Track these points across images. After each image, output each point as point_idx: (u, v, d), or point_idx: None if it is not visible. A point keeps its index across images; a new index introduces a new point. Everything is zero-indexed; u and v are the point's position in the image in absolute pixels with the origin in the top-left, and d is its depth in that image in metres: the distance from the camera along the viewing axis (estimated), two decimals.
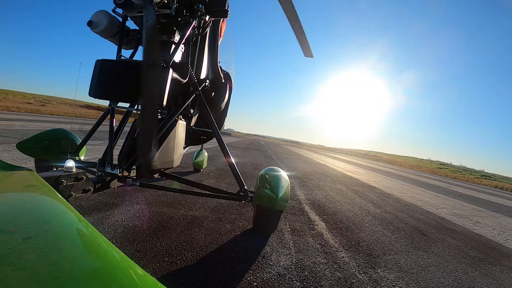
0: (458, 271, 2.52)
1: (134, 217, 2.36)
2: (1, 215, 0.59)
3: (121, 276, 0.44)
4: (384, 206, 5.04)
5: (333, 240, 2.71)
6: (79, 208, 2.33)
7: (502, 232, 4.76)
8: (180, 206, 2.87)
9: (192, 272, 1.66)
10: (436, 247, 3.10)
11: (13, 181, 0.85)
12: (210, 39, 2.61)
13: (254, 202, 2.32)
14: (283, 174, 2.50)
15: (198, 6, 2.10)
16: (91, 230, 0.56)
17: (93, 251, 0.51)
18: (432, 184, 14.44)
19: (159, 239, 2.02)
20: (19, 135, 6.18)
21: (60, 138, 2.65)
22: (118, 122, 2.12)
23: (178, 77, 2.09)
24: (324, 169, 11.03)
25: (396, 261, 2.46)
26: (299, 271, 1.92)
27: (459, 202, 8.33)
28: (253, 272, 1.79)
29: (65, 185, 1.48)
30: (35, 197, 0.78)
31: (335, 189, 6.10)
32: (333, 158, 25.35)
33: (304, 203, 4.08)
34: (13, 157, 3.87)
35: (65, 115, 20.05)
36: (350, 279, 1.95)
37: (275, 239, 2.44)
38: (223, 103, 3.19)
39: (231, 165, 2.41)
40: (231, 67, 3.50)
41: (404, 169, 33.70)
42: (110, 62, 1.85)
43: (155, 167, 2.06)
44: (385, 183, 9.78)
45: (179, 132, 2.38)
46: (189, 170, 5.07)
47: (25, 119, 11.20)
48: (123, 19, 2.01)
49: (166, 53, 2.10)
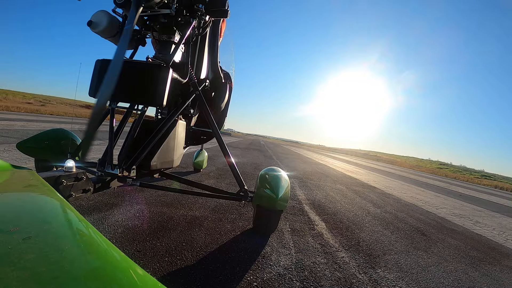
0: (458, 271, 2.52)
1: (134, 217, 2.36)
2: (1, 215, 0.59)
3: (121, 276, 0.44)
4: (384, 206, 5.04)
5: (333, 240, 2.71)
6: (79, 208, 2.33)
7: (502, 232, 4.76)
8: (180, 206, 2.87)
9: (192, 272, 1.66)
10: (436, 247, 3.10)
11: (13, 181, 0.85)
12: (210, 39, 2.61)
13: (254, 202, 2.32)
14: (283, 174, 2.50)
15: (198, 6, 2.09)
16: (91, 230, 0.56)
17: (93, 251, 0.51)
18: (432, 184, 14.44)
19: (159, 239, 2.02)
20: (19, 135, 6.18)
21: (60, 138, 2.65)
22: (118, 122, 2.12)
23: (178, 77, 2.09)
24: (324, 169, 11.03)
25: (396, 261, 2.46)
26: (299, 271, 1.92)
27: (459, 202, 8.33)
28: (253, 272, 1.79)
29: (65, 185, 1.48)
30: (35, 197, 0.78)
31: (335, 189, 6.10)
32: (333, 158, 25.35)
33: (304, 203, 4.08)
34: (13, 157, 3.87)
35: (65, 115, 20.06)
36: (350, 279, 1.95)
37: (275, 239, 2.44)
38: (223, 103, 3.19)
39: (231, 165, 2.41)
40: (231, 67, 3.50)
41: (404, 169, 33.71)
42: (110, 62, 1.84)
43: (155, 167, 2.06)
44: (385, 183, 9.78)
45: (179, 132, 2.38)
46: (189, 170, 5.07)
47: (25, 119, 11.21)
48: (123, 19, 2.01)
49: (166, 53, 2.10)
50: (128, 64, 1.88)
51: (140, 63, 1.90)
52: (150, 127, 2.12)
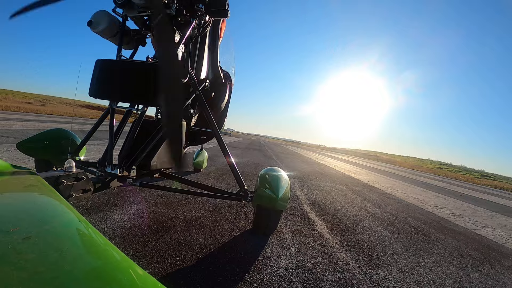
0: (458, 271, 2.51)
1: (133, 217, 2.35)
2: (1, 215, 0.59)
3: (121, 276, 0.44)
4: (384, 206, 5.04)
5: (334, 240, 2.70)
6: (78, 209, 2.33)
7: (502, 232, 4.75)
8: (179, 206, 2.87)
9: (191, 273, 1.65)
10: (436, 248, 3.10)
11: (13, 181, 0.85)
12: (210, 39, 2.61)
13: (254, 202, 2.31)
14: (283, 174, 2.50)
15: (198, 6, 2.09)
16: (91, 230, 0.56)
17: (93, 251, 0.51)
18: (432, 184, 14.44)
19: (158, 239, 2.02)
20: (19, 135, 6.18)
21: (60, 138, 2.65)
22: (118, 122, 2.12)
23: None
24: (324, 169, 11.03)
25: (396, 261, 2.45)
26: (299, 272, 1.92)
27: (459, 202, 8.32)
28: (253, 273, 1.78)
29: (65, 185, 1.47)
30: (35, 197, 0.78)
31: (335, 189, 6.10)
32: (333, 158, 25.34)
33: (304, 203, 4.08)
34: (13, 157, 3.87)
35: (65, 115, 20.06)
36: (351, 280, 1.95)
37: (275, 239, 2.43)
38: (223, 103, 3.19)
39: (231, 165, 2.41)
40: (231, 67, 3.50)
41: (404, 169, 33.69)
42: (110, 62, 1.85)
43: (155, 167, 2.06)
44: (385, 183, 9.77)
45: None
46: (189, 170, 5.07)
47: (25, 119, 11.20)
48: (123, 19, 2.01)
49: None
50: (128, 64, 1.88)
51: (140, 63, 1.90)
52: (150, 127, 2.12)
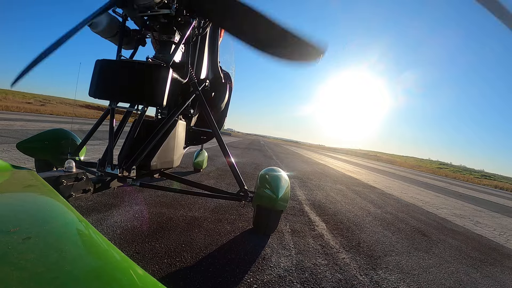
0: (459, 272, 2.51)
1: (133, 218, 2.35)
2: (1, 215, 0.59)
3: (121, 276, 0.44)
4: (385, 207, 5.04)
5: (334, 241, 2.70)
6: (77, 209, 2.33)
7: (503, 232, 4.75)
8: (179, 206, 2.87)
9: (191, 274, 1.65)
10: (437, 248, 3.10)
11: (13, 181, 0.85)
12: (210, 39, 2.61)
13: (254, 202, 2.31)
14: (283, 174, 2.49)
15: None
16: (91, 230, 0.56)
17: (93, 251, 0.51)
18: (432, 184, 14.43)
19: (158, 240, 2.01)
20: (19, 135, 6.18)
21: (60, 138, 2.65)
22: (118, 122, 2.12)
23: (178, 77, 2.09)
24: (324, 169, 11.02)
25: (397, 262, 2.45)
26: (299, 273, 1.91)
27: (459, 202, 8.32)
28: (253, 274, 1.78)
29: (65, 185, 1.47)
30: (35, 197, 0.78)
31: (335, 189, 6.10)
32: (333, 158, 25.33)
33: (304, 203, 4.07)
34: (13, 157, 3.87)
35: (65, 115, 20.06)
36: (351, 280, 1.94)
37: (275, 240, 2.43)
38: (223, 103, 3.19)
39: (231, 165, 2.40)
40: (231, 67, 3.50)
41: (404, 169, 33.67)
42: (110, 62, 1.84)
43: (155, 167, 2.06)
44: (385, 183, 9.77)
45: (179, 132, 2.38)
46: (189, 170, 5.07)
47: (25, 119, 11.21)
48: (123, 19, 2.01)
49: (166, 53, 2.10)
50: (128, 64, 1.88)
51: (140, 63, 1.90)
52: (150, 127, 2.11)
